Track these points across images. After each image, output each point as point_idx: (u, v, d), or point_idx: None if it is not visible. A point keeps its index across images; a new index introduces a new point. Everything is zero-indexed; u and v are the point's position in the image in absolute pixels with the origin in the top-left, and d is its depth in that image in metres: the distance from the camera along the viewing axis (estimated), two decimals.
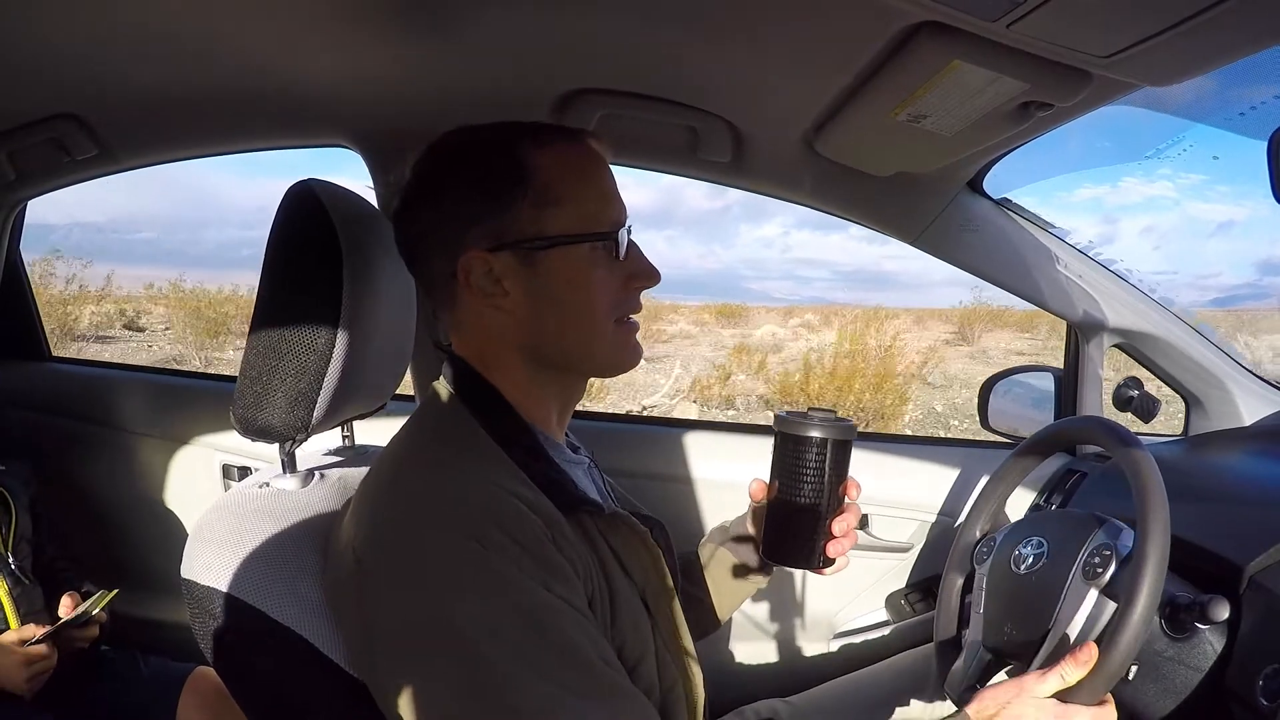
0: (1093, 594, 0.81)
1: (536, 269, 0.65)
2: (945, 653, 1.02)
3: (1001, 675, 0.92)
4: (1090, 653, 0.73)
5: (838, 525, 0.76)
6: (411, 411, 0.72)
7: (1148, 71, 0.67)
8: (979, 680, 0.92)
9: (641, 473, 1.38)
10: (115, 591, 1.25)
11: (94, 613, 1.22)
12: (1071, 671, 0.72)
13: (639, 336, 0.71)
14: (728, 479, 1.39)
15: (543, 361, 0.68)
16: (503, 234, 0.64)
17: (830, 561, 0.77)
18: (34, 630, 1.15)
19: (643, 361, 0.73)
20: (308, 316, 0.70)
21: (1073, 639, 0.81)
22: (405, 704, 0.57)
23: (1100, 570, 0.81)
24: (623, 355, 0.69)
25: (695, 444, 1.43)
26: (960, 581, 1.05)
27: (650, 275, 0.69)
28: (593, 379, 0.70)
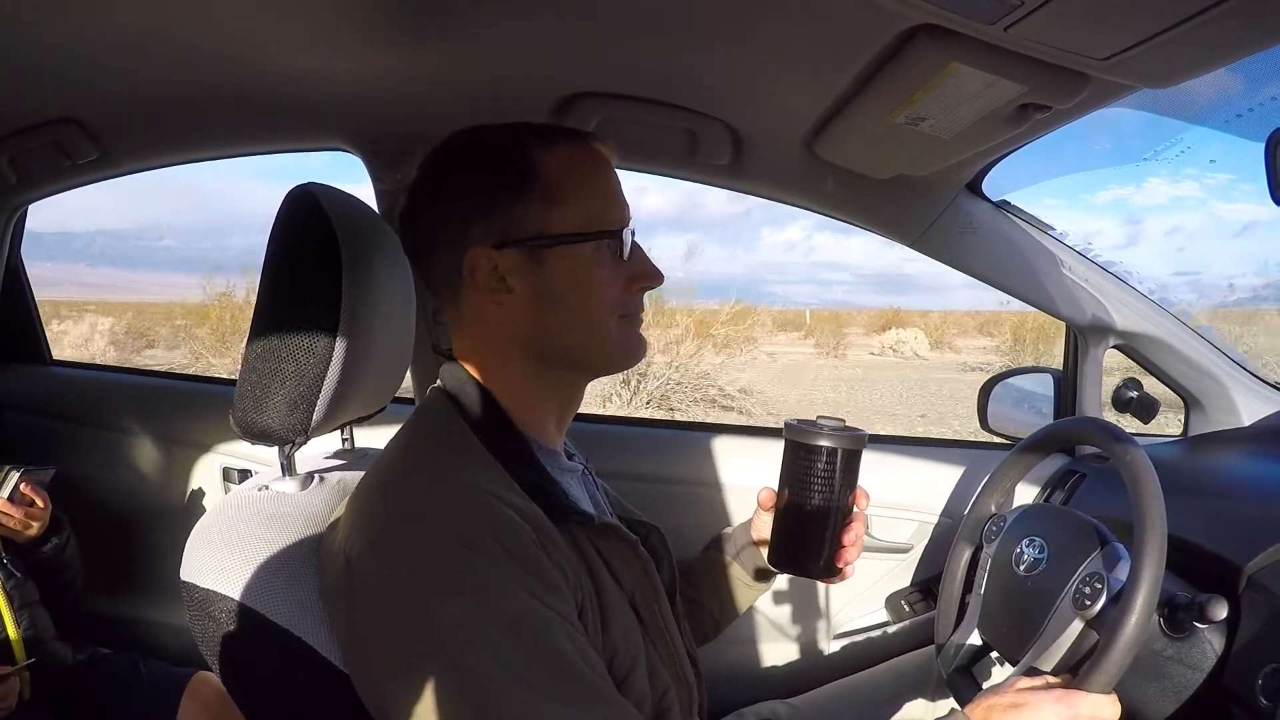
0: (1077, 625, 0.80)
1: (542, 267, 0.65)
2: (946, 622, 1.03)
3: (993, 680, 0.92)
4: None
5: (846, 535, 0.76)
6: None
7: (1146, 73, 0.67)
8: (968, 663, 0.95)
9: (639, 475, 1.38)
10: (24, 469, 1.21)
11: (13, 488, 1.18)
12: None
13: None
14: (727, 481, 1.39)
15: (544, 358, 0.68)
16: (509, 231, 0.65)
17: (838, 571, 0.77)
18: None
19: None
20: (307, 320, 0.70)
21: (1049, 669, 0.81)
22: (389, 705, 0.57)
23: (1089, 603, 0.80)
24: (625, 351, 0.69)
25: (694, 446, 1.43)
26: (968, 554, 1.05)
27: (653, 276, 0.69)
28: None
